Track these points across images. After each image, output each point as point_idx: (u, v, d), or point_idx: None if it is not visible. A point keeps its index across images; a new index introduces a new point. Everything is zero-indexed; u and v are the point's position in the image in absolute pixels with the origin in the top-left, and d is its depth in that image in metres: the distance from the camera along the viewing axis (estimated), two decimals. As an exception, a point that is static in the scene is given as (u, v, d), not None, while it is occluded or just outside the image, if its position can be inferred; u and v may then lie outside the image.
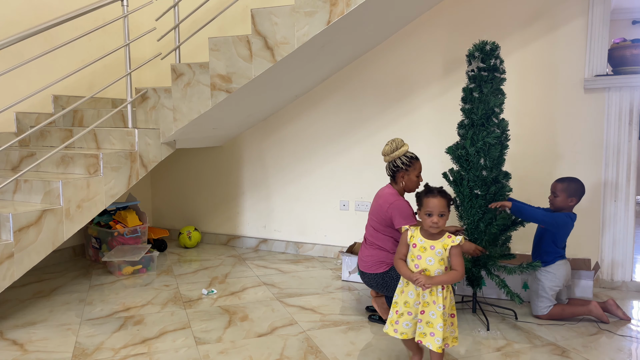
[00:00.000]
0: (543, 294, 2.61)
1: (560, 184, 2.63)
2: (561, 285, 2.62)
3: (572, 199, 2.60)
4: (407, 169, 2.51)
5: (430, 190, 2.01)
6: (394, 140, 2.55)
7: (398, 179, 2.55)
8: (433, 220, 1.94)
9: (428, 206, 1.96)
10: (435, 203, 1.95)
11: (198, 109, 3.09)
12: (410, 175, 2.52)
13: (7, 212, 2.43)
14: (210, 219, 4.31)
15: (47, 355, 2.23)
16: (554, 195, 2.63)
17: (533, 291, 2.67)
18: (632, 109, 3.00)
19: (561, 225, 2.60)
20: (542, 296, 2.61)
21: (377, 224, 2.55)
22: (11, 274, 2.42)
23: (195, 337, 2.41)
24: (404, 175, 2.52)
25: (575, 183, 2.62)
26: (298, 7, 2.74)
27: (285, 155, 3.96)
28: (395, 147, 2.53)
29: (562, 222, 2.59)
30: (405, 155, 2.53)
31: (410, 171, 2.52)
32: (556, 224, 2.59)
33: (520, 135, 3.23)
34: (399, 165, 2.52)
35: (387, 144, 2.55)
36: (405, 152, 2.53)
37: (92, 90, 3.93)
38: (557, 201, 2.61)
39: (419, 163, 2.56)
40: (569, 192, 2.59)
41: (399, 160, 2.52)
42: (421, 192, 2.05)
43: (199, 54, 3.96)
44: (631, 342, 2.38)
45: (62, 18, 2.81)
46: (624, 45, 3.05)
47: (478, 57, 2.49)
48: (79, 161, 2.95)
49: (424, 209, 1.98)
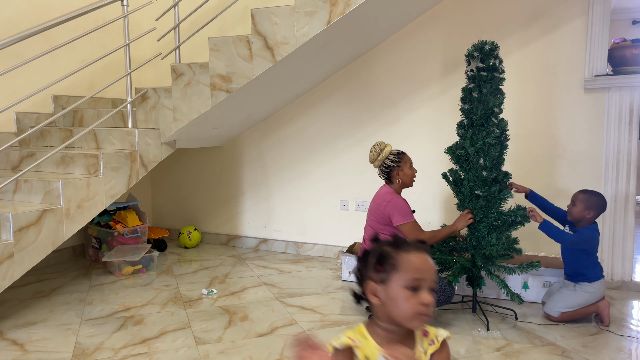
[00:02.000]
0: (573, 305, 2.55)
1: (581, 194, 2.59)
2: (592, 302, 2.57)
3: (590, 211, 2.55)
4: (399, 164, 2.58)
5: (403, 242, 1.10)
6: (376, 144, 2.63)
7: (394, 178, 2.59)
8: (426, 299, 1.04)
9: (412, 271, 1.05)
10: (426, 263, 1.07)
11: (198, 109, 3.09)
12: (404, 169, 2.59)
13: (7, 212, 2.43)
14: (210, 219, 4.31)
15: (47, 355, 2.23)
16: (573, 204, 2.59)
17: (562, 295, 2.59)
18: (632, 109, 3.00)
19: (588, 241, 2.55)
20: (569, 306, 2.56)
21: (375, 223, 2.56)
22: (11, 274, 2.42)
23: (195, 337, 2.41)
24: (398, 171, 2.58)
25: (597, 197, 2.57)
26: (298, 7, 2.74)
27: (285, 155, 3.96)
28: (379, 149, 2.60)
29: (587, 238, 2.54)
30: (392, 153, 2.60)
31: (402, 165, 2.58)
32: (583, 242, 2.54)
33: (520, 135, 3.23)
34: (390, 164, 2.58)
35: (370, 151, 2.64)
36: (390, 151, 2.60)
37: (92, 90, 3.93)
38: (574, 210, 2.58)
39: (407, 155, 2.63)
40: (587, 205, 2.54)
41: (387, 160, 2.60)
42: (388, 246, 1.10)
43: (199, 54, 3.96)
44: (631, 342, 2.38)
45: (62, 18, 2.81)
46: (624, 45, 3.05)
47: (477, 57, 2.49)
48: (79, 161, 2.95)
49: (403, 278, 1.05)
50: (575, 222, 2.60)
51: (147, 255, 3.44)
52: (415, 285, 1.03)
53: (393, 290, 1.05)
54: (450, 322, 2.62)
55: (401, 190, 2.61)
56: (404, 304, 1.03)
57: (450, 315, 2.71)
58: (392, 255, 1.07)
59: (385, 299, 1.06)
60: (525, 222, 2.61)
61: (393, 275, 1.05)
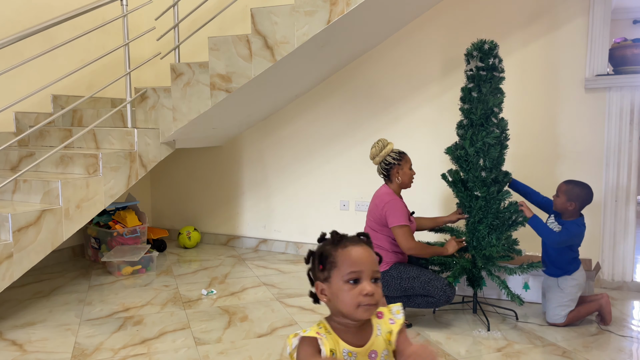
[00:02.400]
0: (568, 303, 2.54)
1: (564, 185, 2.55)
2: (582, 290, 2.59)
3: (572, 203, 2.51)
4: (400, 163, 2.56)
5: (341, 238, 1.14)
6: (378, 141, 2.61)
7: (393, 176, 2.58)
8: (365, 288, 1.07)
9: (349, 264, 1.09)
10: (362, 255, 1.10)
11: (198, 109, 3.08)
12: (404, 168, 2.57)
13: (6, 212, 2.43)
14: (210, 219, 4.31)
15: (46, 356, 2.22)
16: (557, 194, 2.57)
17: (553, 300, 2.56)
18: (633, 108, 3.00)
19: (574, 237, 2.53)
20: (566, 305, 2.54)
21: (374, 223, 2.56)
22: (10, 274, 2.42)
23: (195, 338, 2.41)
24: (398, 170, 2.57)
25: (580, 188, 2.52)
26: (298, 6, 2.73)
27: (285, 155, 3.95)
28: (382, 146, 2.59)
29: (574, 234, 2.52)
30: (393, 151, 2.59)
31: (402, 164, 2.57)
32: (570, 239, 2.52)
33: (520, 135, 3.22)
34: (391, 161, 2.57)
35: (372, 147, 2.62)
36: (391, 149, 2.59)
37: (91, 89, 3.92)
38: (557, 201, 2.56)
39: (408, 156, 2.62)
40: (569, 196, 2.51)
41: (389, 157, 2.58)
42: (327, 244, 1.15)
43: (199, 54, 3.95)
44: (631, 342, 2.37)
45: (62, 18, 2.81)
46: (624, 44, 3.05)
47: (476, 56, 2.48)
48: (78, 161, 2.94)
49: (341, 273, 1.09)
50: (561, 213, 2.58)
51: (146, 255, 3.43)
52: (355, 278, 1.08)
53: (335, 286, 1.10)
54: (450, 322, 2.61)
55: (400, 190, 2.60)
56: (346, 298, 1.08)
57: (451, 315, 2.70)
58: (330, 253, 1.12)
59: (331, 295, 1.12)
60: (525, 223, 2.61)
61: (333, 272, 1.10)
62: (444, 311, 2.75)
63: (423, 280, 2.43)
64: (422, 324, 2.59)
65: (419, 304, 2.49)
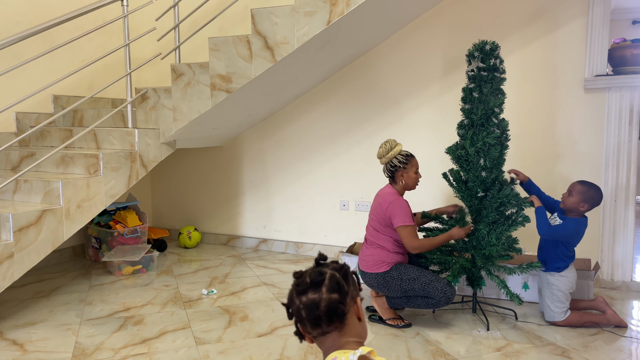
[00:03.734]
0: (560, 298, 2.55)
1: (579, 185, 2.55)
2: (574, 288, 2.59)
3: (585, 204, 2.53)
4: (405, 167, 2.56)
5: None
6: (387, 141, 2.60)
7: (397, 178, 2.58)
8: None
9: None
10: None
11: (198, 109, 3.09)
12: (409, 172, 2.56)
13: (7, 212, 2.43)
14: (210, 219, 4.31)
15: (47, 356, 2.23)
16: (569, 193, 2.56)
17: (546, 297, 2.59)
18: (632, 109, 3.00)
19: (571, 235, 2.54)
20: (558, 301, 2.55)
21: (377, 223, 2.56)
22: (11, 274, 2.42)
23: (195, 337, 2.41)
24: (403, 173, 2.56)
25: (595, 191, 2.54)
26: (298, 7, 2.74)
27: (285, 155, 3.96)
28: (389, 147, 2.57)
29: (571, 232, 2.53)
30: (401, 154, 2.58)
31: (408, 168, 2.56)
32: (564, 236, 2.54)
33: (520, 135, 3.23)
34: (397, 164, 2.56)
35: (380, 146, 2.60)
36: (399, 151, 2.58)
37: (92, 90, 3.93)
38: (569, 201, 2.55)
39: (415, 159, 2.61)
40: (584, 197, 2.52)
41: (395, 159, 2.57)
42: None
43: (199, 54, 3.96)
44: (631, 342, 2.38)
45: (62, 18, 2.81)
46: (624, 45, 3.05)
47: (478, 57, 2.49)
48: (78, 161, 2.95)
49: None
50: (567, 210, 2.58)
51: (147, 255, 3.44)
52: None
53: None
54: (450, 322, 2.62)
55: (404, 192, 2.60)
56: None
57: (450, 315, 2.71)
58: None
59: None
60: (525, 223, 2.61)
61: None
62: (443, 311, 2.76)
63: (423, 282, 2.44)
64: (422, 324, 2.59)
65: (419, 304, 2.50)
